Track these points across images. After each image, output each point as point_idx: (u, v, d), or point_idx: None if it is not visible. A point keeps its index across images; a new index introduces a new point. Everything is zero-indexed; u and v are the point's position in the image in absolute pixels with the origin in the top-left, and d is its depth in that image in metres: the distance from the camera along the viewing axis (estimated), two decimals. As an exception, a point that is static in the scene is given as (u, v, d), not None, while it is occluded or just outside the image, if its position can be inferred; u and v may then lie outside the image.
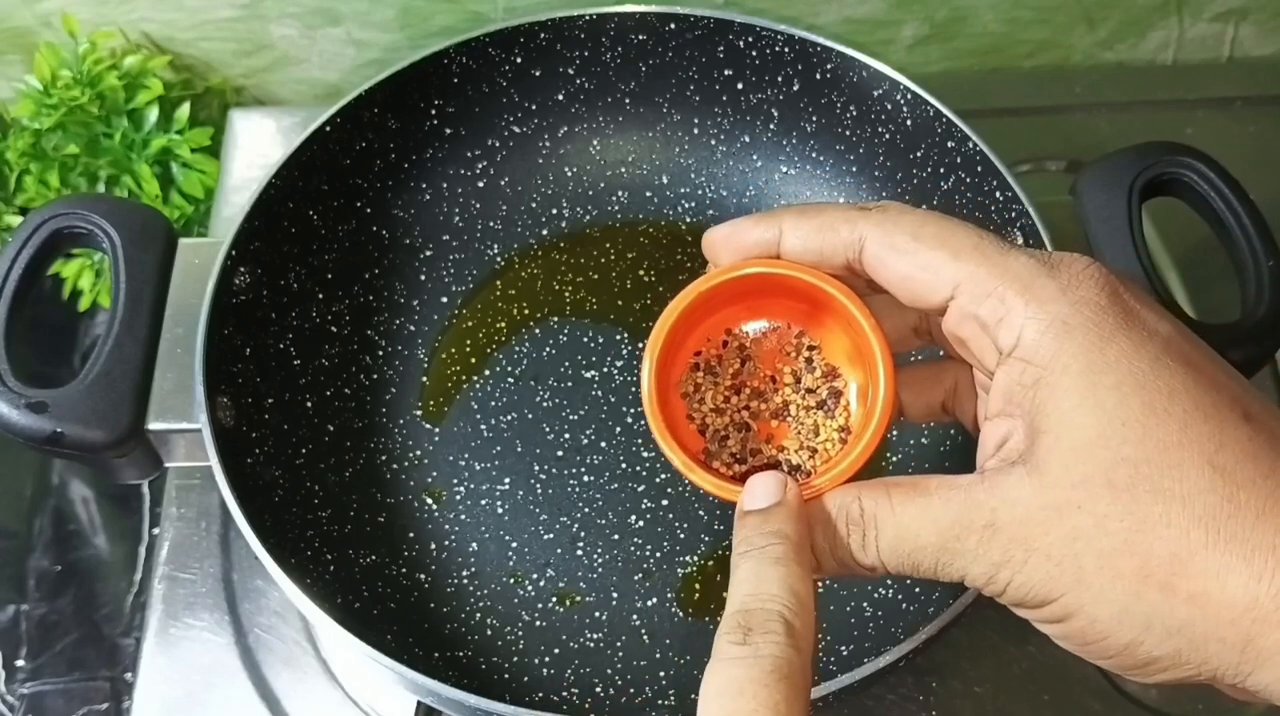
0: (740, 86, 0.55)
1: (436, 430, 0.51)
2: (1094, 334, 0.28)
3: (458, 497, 0.50)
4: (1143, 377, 0.27)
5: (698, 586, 0.48)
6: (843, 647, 0.46)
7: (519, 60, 0.55)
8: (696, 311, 0.34)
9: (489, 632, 0.47)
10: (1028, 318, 0.28)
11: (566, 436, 0.51)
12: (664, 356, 0.34)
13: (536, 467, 0.50)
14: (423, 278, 0.55)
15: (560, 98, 0.56)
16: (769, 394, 0.35)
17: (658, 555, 0.48)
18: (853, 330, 0.33)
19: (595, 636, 0.47)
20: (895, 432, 0.51)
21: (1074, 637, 0.28)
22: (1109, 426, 0.27)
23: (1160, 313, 0.29)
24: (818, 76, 0.53)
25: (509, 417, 0.52)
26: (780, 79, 0.54)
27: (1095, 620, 0.27)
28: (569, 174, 0.58)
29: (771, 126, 0.56)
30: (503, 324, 0.54)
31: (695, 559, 0.48)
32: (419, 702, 0.47)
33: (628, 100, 0.57)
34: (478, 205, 0.57)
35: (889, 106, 0.52)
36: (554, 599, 0.48)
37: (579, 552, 0.49)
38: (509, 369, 0.53)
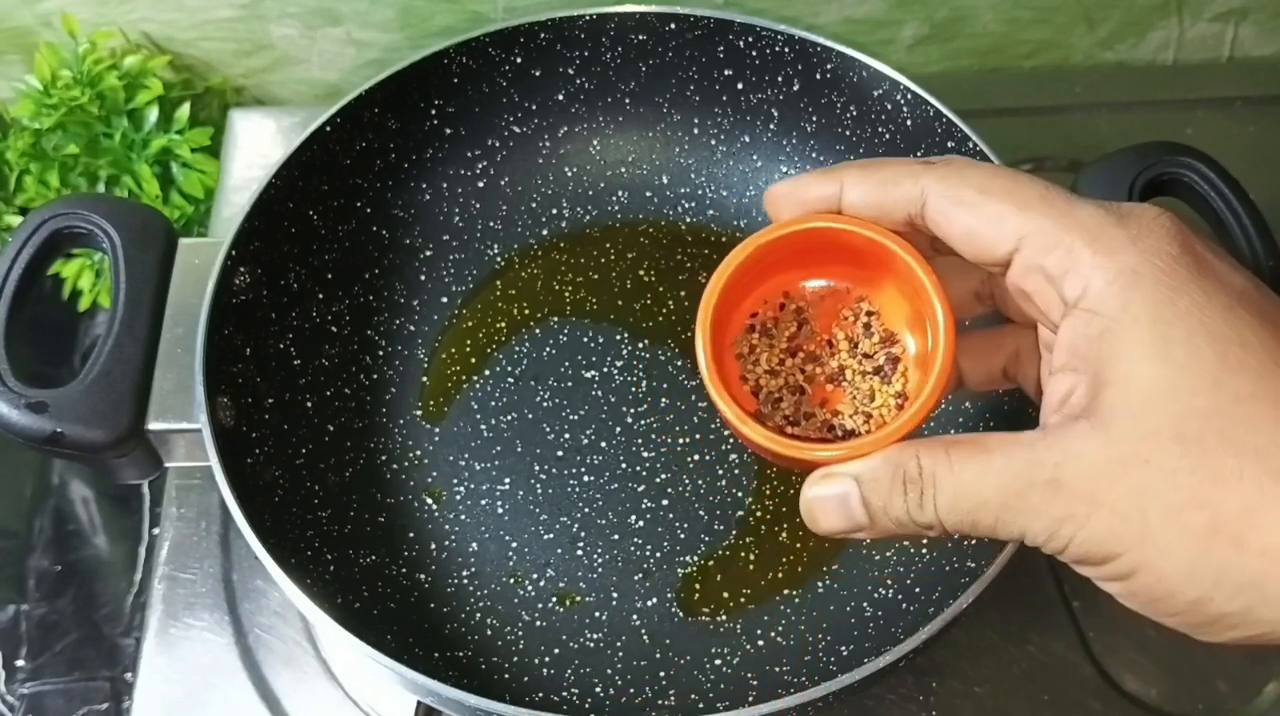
0: (740, 86, 0.55)
1: (436, 430, 0.51)
2: (1165, 284, 0.27)
3: (458, 497, 0.50)
4: (1215, 329, 0.27)
5: (698, 586, 0.48)
6: (843, 647, 0.46)
7: (519, 60, 0.55)
8: (754, 271, 0.34)
9: (489, 632, 0.47)
10: (1095, 267, 0.28)
11: (566, 436, 0.51)
12: (720, 315, 0.33)
13: (536, 467, 0.50)
14: (423, 278, 0.55)
15: (560, 98, 0.56)
16: (825, 358, 0.35)
17: (658, 555, 0.48)
18: (913, 291, 0.33)
19: (595, 636, 0.47)
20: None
21: (1139, 595, 0.28)
22: (1179, 378, 0.27)
23: (1233, 264, 0.29)
24: (818, 76, 0.53)
25: (509, 417, 0.52)
26: (780, 79, 0.54)
27: (1162, 576, 0.27)
28: (569, 174, 0.58)
29: (771, 126, 0.56)
30: (503, 324, 0.54)
31: (695, 559, 0.48)
32: (419, 702, 0.47)
33: (628, 100, 0.57)
34: (478, 205, 0.57)
35: (889, 106, 0.52)
36: (554, 599, 0.48)
37: (579, 552, 0.49)
38: (509, 369, 0.53)
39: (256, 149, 0.62)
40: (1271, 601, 0.26)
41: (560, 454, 0.51)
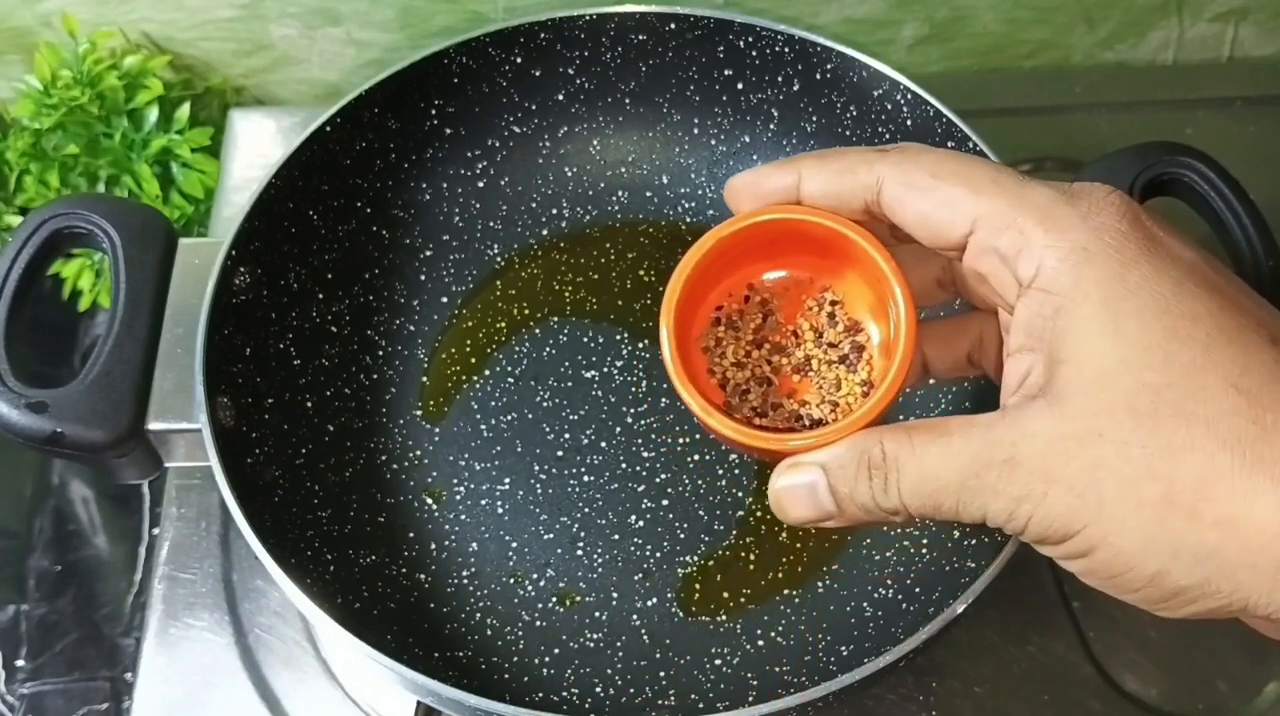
0: (740, 86, 0.55)
1: (436, 430, 0.51)
2: (1115, 260, 0.28)
3: (458, 497, 0.50)
4: (1165, 302, 0.27)
5: (698, 586, 0.48)
6: (843, 647, 0.46)
7: (519, 60, 0.55)
8: (718, 264, 0.34)
9: (489, 632, 0.47)
10: (1047, 246, 0.28)
11: (566, 436, 0.51)
12: (684, 309, 0.34)
13: (536, 467, 0.50)
14: (423, 278, 0.55)
15: (560, 98, 0.56)
16: (791, 348, 0.35)
17: (658, 555, 0.48)
18: (875, 279, 0.33)
19: (595, 636, 0.47)
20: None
21: (1099, 571, 0.28)
22: (1131, 352, 0.27)
23: (1183, 240, 0.29)
24: (818, 76, 0.53)
25: (509, 417, 0.52)
26: (780, 79, 0.54)
27: (1120, 551, 0.27)
28: (569, 174, 0.58)
29: (771, 126, 0.56)
30: (503, 324, 0.54)
31: (695, 559, 0.48)
32: (419, 702, 0.47)
33: (628, 100, 0.57)
34: (478, 205, 0.57)
35: (889, 106, 0.52)
36: (554, 599, 0.48)
37: (579, 552, 0.49)
38: (509, 369, 0.53)
39: (256, 149, 0.62)
40: (1228, 571, 0.26)
41: (560, 454, 0.51)
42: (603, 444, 0.51)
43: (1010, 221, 0.29)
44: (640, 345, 0.53)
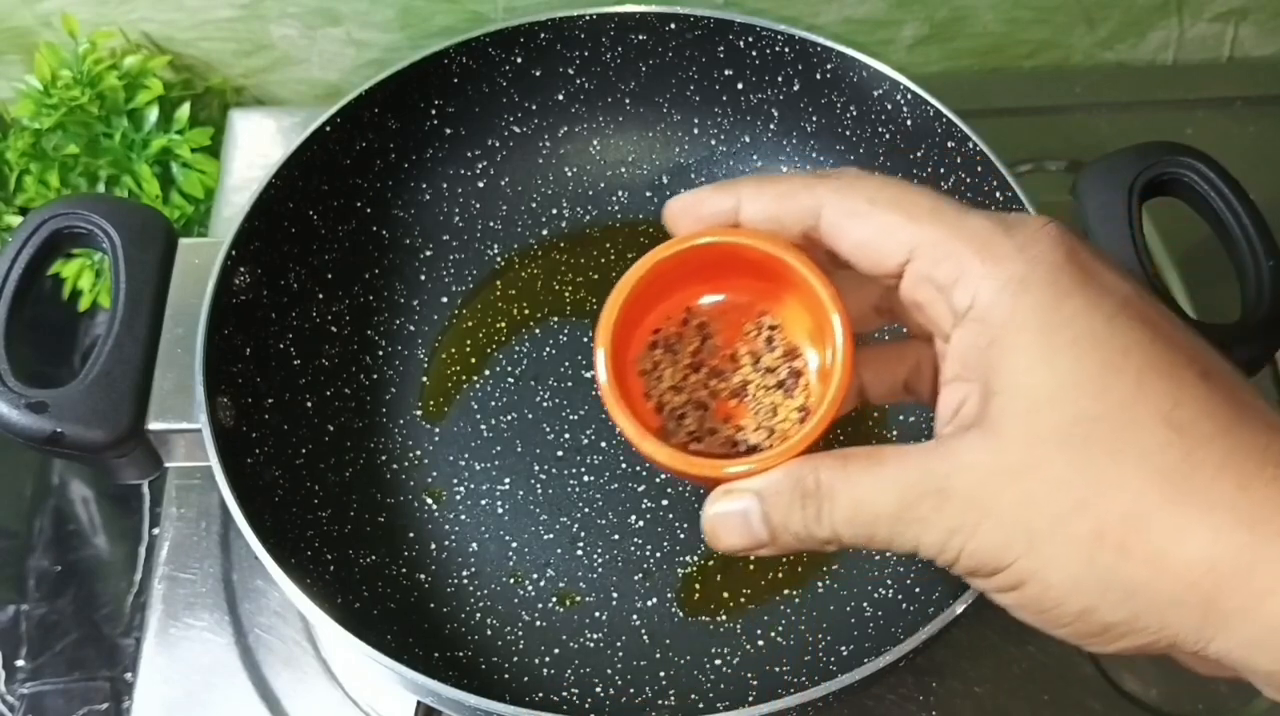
0: (740, 86, 0.55)
1: (436, 430, 0.51)
2: (1050, 292, 0.27)
3: (458, 497, 0.50)
4: (1099, 335, 0.27)
5: (698, 586, 0.48)
6: (843, 647, 0.46)
7: (519, 60, 0.55)
8: (656, 286, 0.34)
9: (489, 632, 0.47)
10: (983, 277, 0.28)
11: (566, 436, 0.51)
12: (621, 331, 0.33)
13: (536, 467, 0.50)
14: (423, 278, 0.55)
15: (560, 98, 0.56)
16: (728, 373, 0.35)
17: (658, 555, 0.48)
18: (813, 305, 0.33)
19: (595, 636, 0.47)
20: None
21: (1029, 606, 0.28)
22: (1064, 384, 0.27)
23: (1119, 272, 0.29)
24: (818, 76, 0.53)
25: (509, 417, 0.52)
26: (780, 79, 0.54)
27: (1049, 586, 0.27)
28: (569, 174, 0.58)
29: (771, 126, 0.56)
30: (503, 324, 0.54)
31: (695, 559, 0.48)
32: (419, 702, 0.47)
33: (628, 100, 0.57)
34: (478, 205, 0.57)
35: (889, 106, 0.52)
36: (554, 599, 0.48)
37: (579, 552, 0.49)
38: (509, 369, 0.53)
39: (256, 149, 0.62)
40: (1156, 608, 0.26)
41: (560, 454, 0.51)
42: (603, 444, 0.51)
43: (947, 251, 0.29)
44: (640, 345, 0.53)
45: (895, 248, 0.30)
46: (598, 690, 0.46)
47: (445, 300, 0.55)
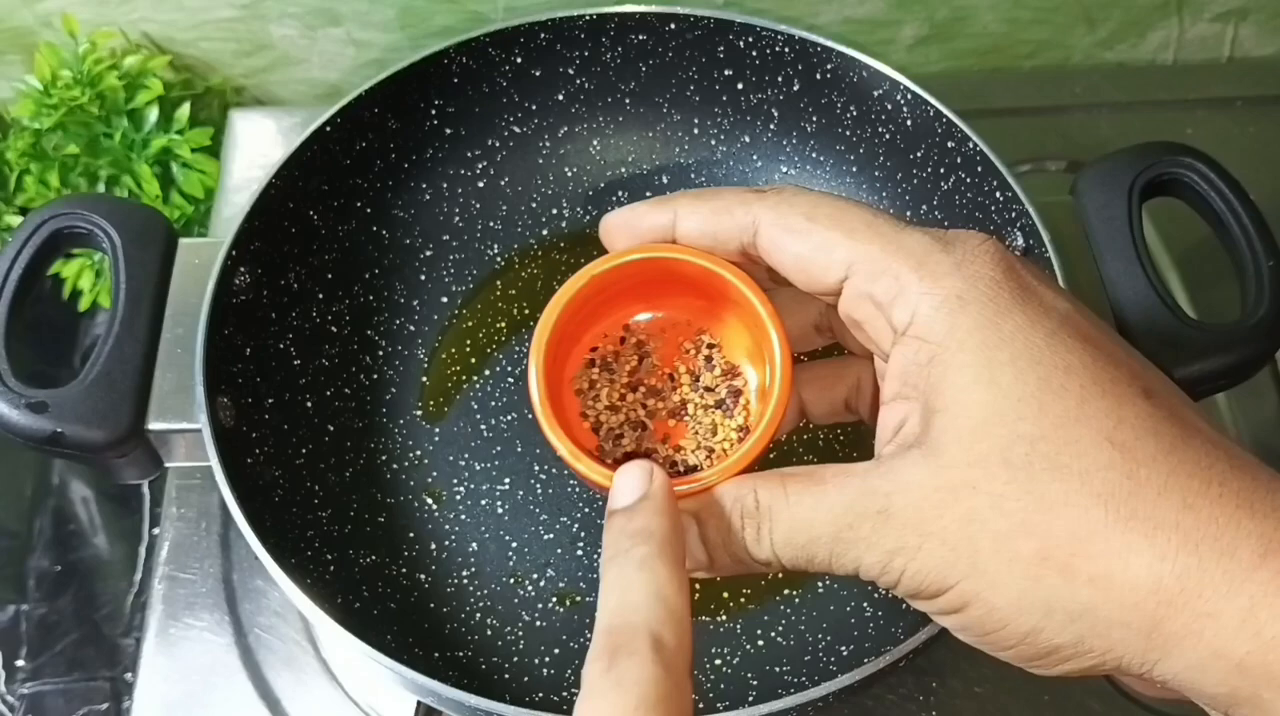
0: (740, 86, 0.55)
1: (436, 430, 0.51)
2: (989, 309, 0.27)
3: (458, 497, 0.50)
4: (1039, 353, 0.27)
5: (698, 586, 0.48)
6: (843, 647, 0.46)
7: (519, 60, 0.55)
8: (592, 303, 0.33)
9: (489, 632, 0.47)
10: (922, 294, 0.28)
11: (566, 436, 0.51)
12: (556, 349, 0.33)
13: (536, 468, 0.50)
14: (423, 278, 0.55)
15: (560, 98, 0.56)
16: (667, 392, 0.35)
17: (658, 555, 0.48)
18: (752, 323, 0.32)
19: (595, 636, 0.47)
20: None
21: (973, 628, 0.27)
22: (1005, 402, 0.26)
23: (1057, 290, 0.29)
24: (818, 76, 0.53)
25: (509, 417, 0.52)
26: (780, 79, 0.54)
27: (993, 607, 0.26)
28: (569, 174, 0.58)
29: (771, 126, 0.56)
30: (503, 324, 0.54)
31: (695, 559, 0.48)
32: (419, 702, 0.47)
33: (628, 100, 0.57)
34: (478, 205, 0.57)
35: (889, 106, 0.52)
36: (554, 599, 0.48)
37: (579, 552, 0.49)
38: (509, 369, 0.53)
39: (256, 149, 0.62)
40: (1101, 630, 0.26)
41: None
42: (603, 444, 0.51)
43: (885, 267, 0.28)
44: (640, 345, 0.53)
45: (833, 264, 0.29)
46: (598, 690, 0.46)
47: (445, 300, 0.55)
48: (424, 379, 0.53)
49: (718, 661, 0.46)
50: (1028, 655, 0.27)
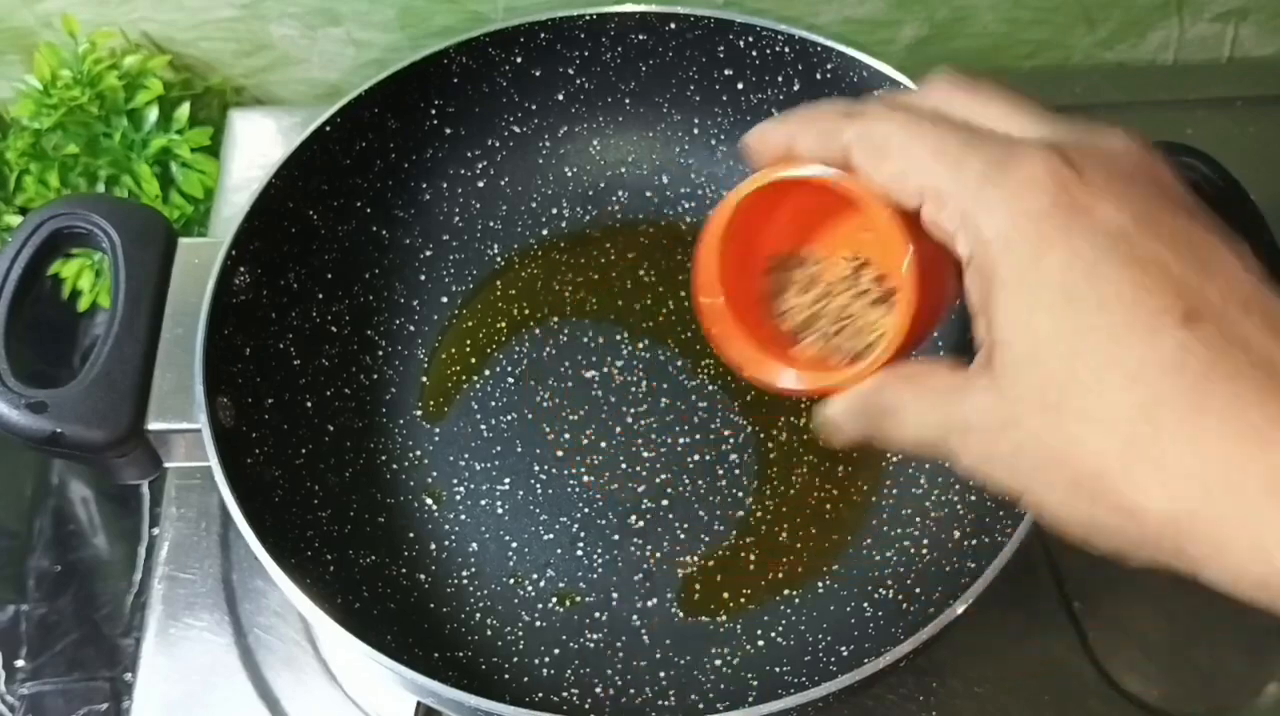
0: (740, 86, 0.55)
1: (436, 430, 0.51)
2: (1030, 249, 0.28)
3: (458, 497, 0.50)
4: (1074, 291, 0.27)
5: (698, 586, 0.48)
6: (843, 647, 0.46)
7: (519, 60, 0.55)
8: (754, 220, 0.37)
9: (489, 632, 0.47)
10: (976, 229, 0.29)
11: (566, 436, 0.51)
12: (731, 266, 0.37)
13: (536, 467, 0.50)
14: (423, 278, 0.55)
15: (560, 98, 0.56)
16: (833, 293, 0.38)
17: (658, 555, 0.48)
18: (881, 229, 0.33)
19: (595, 636, 0.47)
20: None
21: (1048, 525, 0.30)
22: (1040, 346, 0.28)
23: (1120, 200, 0.28)
24: (818, 76, 0.53)
25: (509, 417, 0.52)
26: (780, 79, 0.54)
27: (1054, 519, 0.29)
28: (569, 174, 0.58)
29: (771, 126, 0.56)
30: (503, 324, 0.54)
31: (695, 559, 0.48)
32: (419, 702, 0.47)
33: (628, 100, 0.57)
34: (478, 205, 0.57)
35: (889, 106, 0.52)
36: (554, 599, 0.48)
37: (579, 552, 0.49)
38: (509, 369, 0.53)
39: (256, 149, 0.62)
40: (1137, 548, 0.27)
41: (560, 454, 0.51)
42: (603, 444, 0.51)
43: (946, 200, 0.30)
44: (640, 345, 0.53)
45: (909, 192, 0.31)
46: (598, 690, 0.46)
47: (445, 300, 0.55)
48: (424, 379, 0.53)
49: (718, 661, 0.46)
50: (1098, 550, 0.29)
